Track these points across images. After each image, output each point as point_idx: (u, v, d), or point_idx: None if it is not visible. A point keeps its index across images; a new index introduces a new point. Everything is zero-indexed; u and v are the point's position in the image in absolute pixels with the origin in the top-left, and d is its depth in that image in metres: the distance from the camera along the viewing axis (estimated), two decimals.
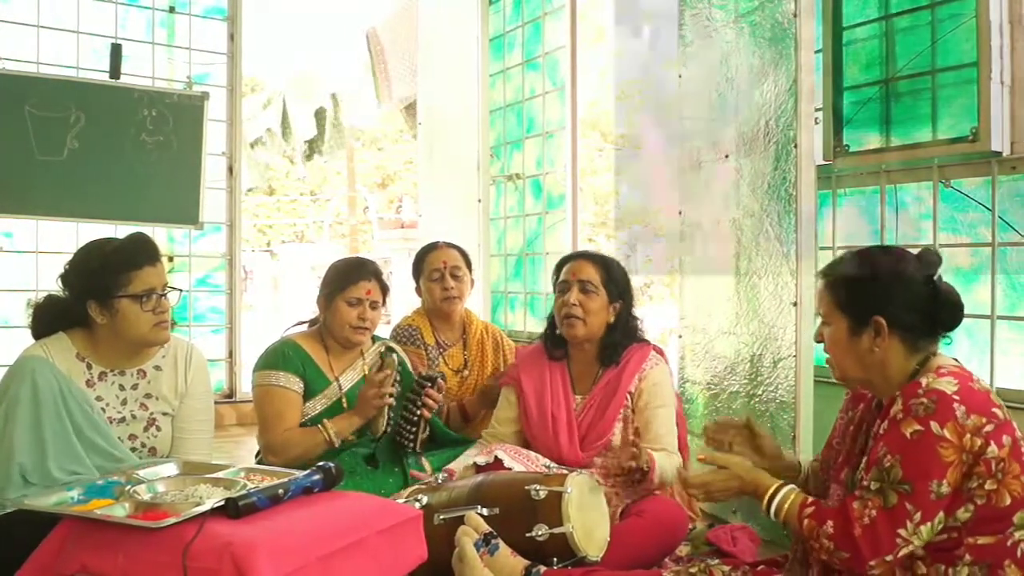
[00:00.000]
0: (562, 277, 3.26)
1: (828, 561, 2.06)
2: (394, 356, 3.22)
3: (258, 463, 3.18)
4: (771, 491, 2.18)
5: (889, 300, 2.10)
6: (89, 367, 2.74)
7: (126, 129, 5.51)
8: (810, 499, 2.13)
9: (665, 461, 2.99)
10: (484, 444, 3.30)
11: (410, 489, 2.94)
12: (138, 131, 5.54)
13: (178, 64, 6.05)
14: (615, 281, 3.24)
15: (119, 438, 2.67)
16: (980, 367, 3.21)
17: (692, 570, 2.36)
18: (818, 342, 2.26)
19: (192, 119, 5.71)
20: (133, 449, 2.75)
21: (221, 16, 6.16)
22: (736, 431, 2.51)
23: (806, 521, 2.07)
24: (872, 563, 1.96)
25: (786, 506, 2.14)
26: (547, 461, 3.06)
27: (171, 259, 6.01)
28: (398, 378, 3.18)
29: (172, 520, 1.95)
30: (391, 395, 3.16)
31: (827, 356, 2.24)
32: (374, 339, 3.47)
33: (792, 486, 2.21)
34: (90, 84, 5.49)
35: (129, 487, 2.19)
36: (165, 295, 2.72)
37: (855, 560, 1.98)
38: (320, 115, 7.70)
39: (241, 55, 6.20)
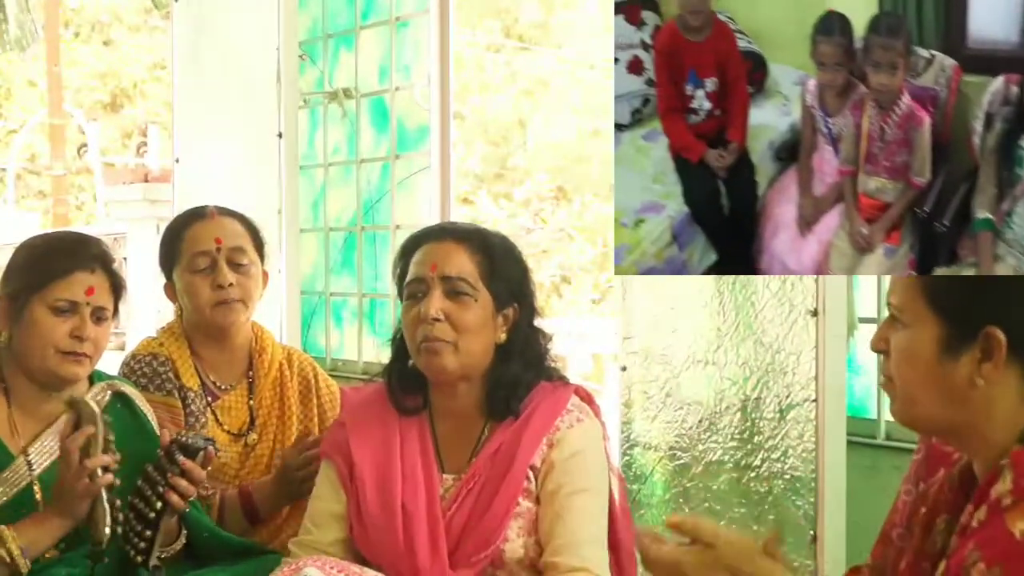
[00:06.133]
0: (414, 273, 2.37)
1: None
2: (93, 404, 2.33)
3: None
4: None
5: (1017, 305, 1.58)
6: None
7: None
8: None
9: None
10: (291, 561, 2.40)
11: None
12: None
13: None
14: (503, 275, 2.38)
15: None
16: None
17: None
18: (877, 351, 1.70)
19: None
20: None
21: None
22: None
23: None
24: None
25: None
26: None
27: None
28: (111, 437, 2.33)
29: None
30: (107, 468, 2.32)
31: (885, 379, 1.70)
32: (93, 379, 2.52)
33: None
34: None
35: None
36: None
37: None
38: None
39: None
